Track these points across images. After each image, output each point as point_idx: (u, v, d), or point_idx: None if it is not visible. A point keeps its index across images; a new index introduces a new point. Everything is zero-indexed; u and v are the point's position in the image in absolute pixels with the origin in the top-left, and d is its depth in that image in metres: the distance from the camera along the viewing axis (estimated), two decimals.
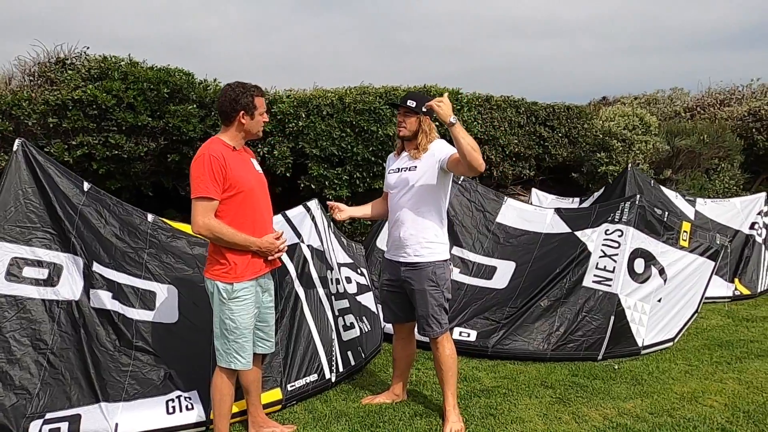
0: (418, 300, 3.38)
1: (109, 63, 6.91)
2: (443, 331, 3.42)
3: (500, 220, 5.28)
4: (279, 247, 3.03)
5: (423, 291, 3.35)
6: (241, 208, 2.92)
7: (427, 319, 3.38)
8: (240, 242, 2.89)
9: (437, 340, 3.42)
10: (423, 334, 3.46)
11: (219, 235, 2.84)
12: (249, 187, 2.94)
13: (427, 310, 3.36)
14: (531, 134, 9.90)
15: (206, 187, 2.81)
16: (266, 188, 3.15)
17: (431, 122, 3.42)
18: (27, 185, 3.48)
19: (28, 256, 3.41)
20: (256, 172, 3.08)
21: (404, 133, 3.40)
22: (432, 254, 3.35)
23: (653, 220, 4.91)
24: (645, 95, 14.70)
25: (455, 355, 3.49)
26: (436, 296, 3.36)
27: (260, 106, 3.01)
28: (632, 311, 4.58)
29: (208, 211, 2.83)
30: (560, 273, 4.70)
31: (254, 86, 3.02)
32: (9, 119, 6.48)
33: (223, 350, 2.97)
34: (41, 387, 3.21)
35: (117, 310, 3.48)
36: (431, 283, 3.34)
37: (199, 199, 2.82)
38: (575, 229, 4.98)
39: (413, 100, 3.35)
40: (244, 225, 2.93)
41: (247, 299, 2.94)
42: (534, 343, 4.47)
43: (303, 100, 7.72)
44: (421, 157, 3.37)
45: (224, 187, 2.87)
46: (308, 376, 3.76)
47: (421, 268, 3.34)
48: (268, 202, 3.12)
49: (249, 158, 3.10)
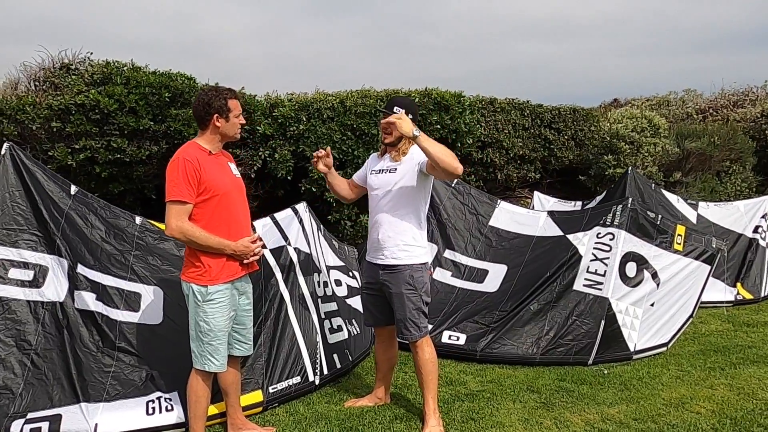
0: (395, 303, 3.38)
1: (112, 68, 7.01)
2: (422, 334, 3.41)
3: (493, 223, 5.26)
4: (254, 250, 3.05)
5: (400, 294, 3.35)
6: (216, 212, 2.95)
7: (405, 323, 3.37)
8: (214, 245, 2.92)
9: (416, 343, 3.41)
10: (401, 337, 3.46)
11: (192, 238, 2.87)
12: (224, 191, 2.97)
13: (405, 314, 3.36)
14: (536, 137, 9.84)
15: (180, 190, 2.84)
16: (243, 192, 3.18)
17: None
18: (14, 188, 3.54)
19: (15, 257, 3.48)
20: (233, 176, 3.11)
21: (390, 140, 3.41)
22: (410, 257, 3.35)
23: (646, 224, 4.85)
24: (657, 97, 14.53)
25: (435, 359, 3.48)
26: (413, 299, 3.36)
27: (235, 108, 3.04)
28: (623, 315, 4.52)
29: (181, 215, 2.86)
30: (551, 276, 4.66)
31: (228, 89, 3.05)
32: (14, 124, 6.61)
33: (198, 352, 3.00)
34: (24, 387, 3.27)
35: (101, 311, 3.53)
36: (408, 287, 3.34)
37: (173, 202, 2.86)
38: (567, 233, 4.94)
39: (400, 107, 3.37)
40: (219, 228, 2.95)
41: (222, 302, 2.97)
42: (523, 347, 4.43)
43: (304, 103, 7.76)
44: (402, 159, 3.39)
45: (199, 191, 2.90)
46: (291, 379, 3.77)
47: (399, 271, 3.35)
48: (245, 206, 3.15)
49: (226, 162, 3.13)
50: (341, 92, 8.14)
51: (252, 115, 7.59)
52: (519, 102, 9.62)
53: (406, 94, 7.99)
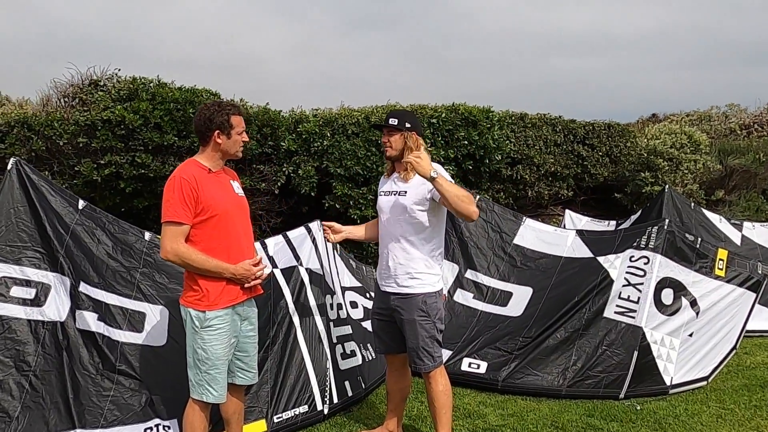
0: (407, 331, 3.16)
1: (138, 84, 7.05)
2: (436, 365, 3.18)
3: (518, 241, 4.98)
4: (256, 273, 2.88)
5: (413, 321, 3.13)
6: (214, 233, 2.80)
7: (418, 352, 3.15)
8: (212, 269, 2.76)
9: (429, 374, 3.18)
10: (414, 368, 3.23)
11: (188, 261, 2.73)
12: (223, 211, 2.82)
13: (417, 342, 3.13)
14: (568, 153, 9.53)
15: (175, 211, 2.71)
16: (246, 212, 3.02)
17: (417, 138, 3.23)
18: (19, 204, 3.48)
19: (17, 275, 3.40)
20: (234, 194, 2.95)
21: (390, 153, 3.23)
22: (422, 285, 3.14)
23: (684, 247, 4.51)
24: (698, 112, 13.98)
25: (449, 391, 3.24)
26: (426, 327, 3.13)
27: (237, 125, 2.89)
28: (659, 346, 4.19)
29: (177, 236, 2.72)
30: (579, 302, 4.36)
31: (231, 104, 2.92)
32: (42, 139, 6.68)
33: (195, 381, 2.83)
34: (21, 410, 3.16)
35: (102, 332, 3.41)
36: (421, 313, 3.12)
37: (168, 223, 2.72)
38: (597, 254, 4.63)
39: (395, 117, 3.21)
40: (217, 250, 2.80)
41: (221, 328, 2.80)
42: (548, 378, 4.14)
43: (329, 119, 7.66)
44: (411, 180, 3.17)
45: (196, 211, 2.75)
46: (297, 408, 3.58)
47: (411, 297, 3.14)
48: (247, 226, 2.99)
49: (228, 180, 2.97)
50: (366, 107, 8.01)
51: (276, 131, 7.53)
52: (551, 117, 9.33)
53: (432, 110, 7.81)
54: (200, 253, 2.74)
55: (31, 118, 6.67)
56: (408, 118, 3.22)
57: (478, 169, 8.24)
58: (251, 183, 7.39)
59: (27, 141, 6.67)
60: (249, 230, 3.01)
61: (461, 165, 8.00)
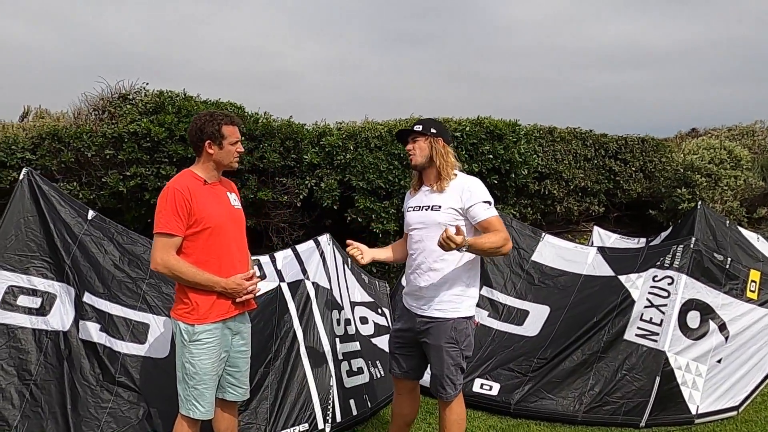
0: (433, 357, 3.00)
1: (165, 97, 7.17)
2: (456, 393, 3.02)
3: (536, 258, 4.80)
4: (247, 288, 2.81)
5: (439, 348, 2.94)
6: (207, 245, 2.76)
7: (442, 380, 2.97)
8: (202, 282, 2.71)
9: (448, 402, 3.02)
10: (435, 394, 3.06)
11: (178, 273, 2.69)
12: (216, 223, 2.78)
13: (443, 370, 2.96)
14: (599, 168, 9.25)
15: (167, 222, 2.68)
16: (241, 224, 2.97)
17: (445, 144, 3.05)
18: (29, 214, 3.53)
19: (24, 284, 3.44)
20: (230, 207, 2.91)
21: (417, 161, 3.02)
22: (455, 310, 2.94)
23: (712, 267, 4.26)
24: (740, 126, 13.44)
25: (464, 421, 3.08)
26: (453, 355, 2.95)
27: (230, 135, 2.85)
28: (684, 372, 3.94)
29: (168, 248, 2.68)
30: (598, 323, 4.15)
31: (224, 115, 2.88)
32: (72, 151, 6.85)
33: (183, 396, 2.78)
34: (20, 419, 3.18)
35: (104, 342, 3.41)
36: (450, 340, 2.93)
37: (159, 234, 2.69)
38: (619, 273, 4.41)
39: (419, 124, 3.05)
40: (209, 263, 2.76)
41: (210, 343, 2.75)
42: (563, 403, 3.95)
43: (352, 132, 7.63)
44: (446, 190, 2.96)
45: (189, 223, 2.72)
46: (297, 426, 3.49)
47: (442, 322, 2.95)
48: (241, 239, 2.94)
49: (224, 192, 2.94)
50: (390, 120, 7.95)
51: (299, 144, 7.54)
52: (581, 131, 9.10)
53: (456, 123, 7.70)
54: (191, 265, 2.70)
55: (61, 131, 6.84)
56: (433, 124, 3.07)
57: (503, 184, 8.07)
58: (273, 195, 7.41)
59: (57, 153, 6.84)
60: (243, 243, 2.95)
61: (486, 179, 7.84)
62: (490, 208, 2.93)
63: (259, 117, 7.60)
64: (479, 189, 2.97)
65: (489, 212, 2.90)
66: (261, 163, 7.28)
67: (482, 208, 2.90)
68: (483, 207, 2.90)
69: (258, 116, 7.61)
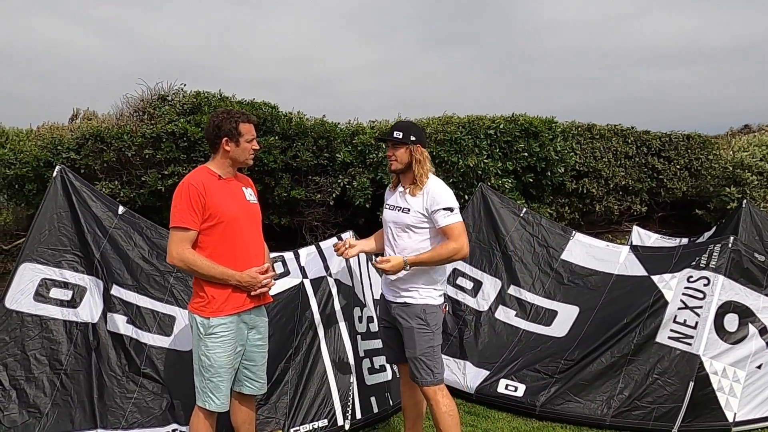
0: (406, 339, 3.10)
1: (201, 98, 7.34)
2: (435, 381, 3.05)
3: (565, 257, 4.67)
4: (262, 281, 2.84)
5: (411, 329, 3.07)
6: (222, 240, 2.80)
7: (416, 362, 3.05)
8: (217, 275, 2.76)
9: (429, 393, 3.05)
10: (414, 380, 3.12)
11: (193, 267, 2.74)
12: (231, 218, 2.81)
13: (415, 351, 3.05)
14: (641, 166, 8.95)
15: (182, 216, 2.73)
16: (257, 219, 3.00)
17: (423, 150, 3.14)
18: (62, 209, 3.66)
19: (57, 277, 3.57)
20: (245, 202, 2.94)
21: (396, 167, 3.16)
22: (423, 298, 3.09)
23: (752, 268, 4.04)
24: None
25: (455, 412, 3.07)
26: (425, 337, 3.05)
27: (246, 132, 2.88)
28: (720, 378, 3.76)
29: (183, 242, 2.73)
30: (629, 324, 4.00)
31: (241, 113, 2.91)
32: (113, 151, 7.09)
33: (199, 388, 2.84)
34: (51, 407, 3.31)
35: (130, 334, 3.51)
36: (420, 321, 3.05)
37: (175, 229, 2.75)
38: (652, 273, 4.24)
39: (399, 130, 3.13)
40: (224, 257, 2.80)
41: (225, 336, 2.79)
42: (591, 406, 3.83)
43: (385, 131, 7.62)
44: (417, 195, 3.09)
45: (204, 217, 2.76)
46: (317, 421, 3.50)
47: (411, 306, 3.08)
48: (256, 234, 2.97)
49: (240, 187, 2.97)
50: (422, 119, 7.91)
51: (332, 143, 7.59)
52: (622, 128, 8.82)
53: (490, 120, 7.59)
54: (206, 259, 2.75)
55: (103, 131, 7.08)
56: (413, 130, 3.16)
57: (539, 182, 7.90)
58: (307, 194, 7.47)
59: (100, 153, 7.09)
60: (259, 237, 2.99)
61: (521, 178, 7.70)
62: (450, 215, 3.03)
63: (293, 116, 7.68)
64: (442, 195, 3.06)
65: (447, 219, 3.02)
66: (294, 162, 7.35)
67: (442, 216, 3.02)
68: (443, 214, 3.02)
69: (291, 115, 7.70)
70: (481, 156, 7.36)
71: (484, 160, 7.35)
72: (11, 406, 3.26)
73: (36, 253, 3.56)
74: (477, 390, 4.12)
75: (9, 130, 9.78)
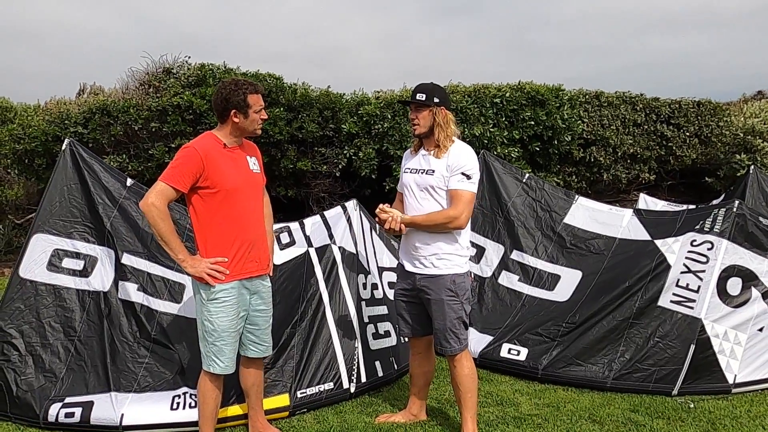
0: (434, 312, 3.08)
1: (206, 70, 7.33)
2: (462, 347, 3.08)
3: (568, 220, 4.68)
4: (204, 271, 2.80)
5: (440, 302, 3.04)
6: (222, 207, 2.85)
7: (445, 334, 3.06)
8: (171, 244, 2.77)
9: (455, 357, 3.08)
10: (439, 350, 3.14)
11: (158, 221, 2.74)
12: (232, 187, 2.85)
13: (445, 324, 3.05)
14: (650, 133, 8.88)
15: (176, 176, 2.76)
16: (258, 188, 3.04)
17: (447, 113, 3.09)
18: (72, 182, 3.73)
19: (68, 248, 3.65)
20: (248, 170, 2.98)
21: (420, 131, 3.10)
22: (449, 267, 3.05)
23: (757, 232, 4.04)
24: None
25: (475, 374, 3.14)
26: (455, 308, 3.04)
27: (255, 104, 2.89)
28: (721, 340, 3.80)
29: (164, 195, 2.76)
30: (631, 288, 4.03)
31: (248, 83, 2.91)
32: (120, 125, 7.13)
33: (204, 352, 2.93)
34: (66, 372, 3.42)
35: (141, 301, 3.60)
36: (450, 293, 3.03)
37: (164, 182, 2.77)
38: (655, 237, 4.25)
39: (422, 92, 3.07)
40: (223, 224, 2.86)
41: (227, 301, 2.86)
42: (592, 369, 3.89)
43: (390, 101, 7.60)
44: (441, 157, 3.05)
45: (203, 184, 2.80)
46: (322, 384, 3.60)
47: (439, 278, 3.04)
48: (257, 203, 3.01)
49: (244, 156, 3.00)
50: None
51: (337, 114, 7.58)
52: (630, 95, 8.73)
53: (496, 89, 7.54)
54: (172, 225, 2.78)
55: (110, 105, 7.12)
56: (437, 92, 3.09)
57: (546, 151, 7.88)
58: (313, 165, 7.51)
59: (107, 127, 7.14)
60: (259, 207, 3.04)
61: (527, 146, 7.68)
62: (463, 181, 3.00)
63: (298, 87, 7.66)
64: (465, 160, 3.03)
65: (459, 184, 3.00)
66: (300, 134, 7.36)
67: (456, 179, 3.00)
68: (458, 178, 3.00)
69: (296, 87, 7.68)
70: (487, 125, 7.34)
71: (490, 129, 7.33)
72: (28, 371, 3.38)
73: (48, 224, 3.64)
74: (480, 355, 4.18)
75: (17, 105, 9.83)
